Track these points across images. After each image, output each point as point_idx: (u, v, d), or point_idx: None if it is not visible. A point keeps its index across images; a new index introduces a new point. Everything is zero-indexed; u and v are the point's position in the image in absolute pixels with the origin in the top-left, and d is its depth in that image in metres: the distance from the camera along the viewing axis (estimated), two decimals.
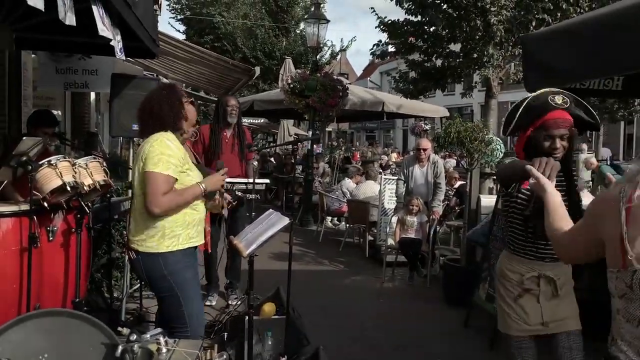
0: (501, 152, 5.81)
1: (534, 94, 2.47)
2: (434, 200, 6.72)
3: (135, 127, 2.95)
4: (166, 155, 2.68)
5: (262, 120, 21.35)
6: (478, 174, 5.79)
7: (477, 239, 5.40)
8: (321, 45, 12.26)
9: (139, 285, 4.49)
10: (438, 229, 7.28)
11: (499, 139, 5.87)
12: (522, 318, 2.52)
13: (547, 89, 2.46)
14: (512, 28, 7.47)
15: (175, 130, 2.82)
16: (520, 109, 2.42)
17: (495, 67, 7.77)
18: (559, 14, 7.22)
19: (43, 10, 1.99)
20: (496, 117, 8.47)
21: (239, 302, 4.77)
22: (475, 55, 7.87)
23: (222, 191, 3.28)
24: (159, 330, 1.81)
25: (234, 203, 3.71)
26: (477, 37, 7.64)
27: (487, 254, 4.97)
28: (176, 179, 2.74)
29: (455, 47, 8.32)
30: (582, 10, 7.04)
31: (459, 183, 9.26)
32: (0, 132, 4.84)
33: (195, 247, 2.94)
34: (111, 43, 2.90)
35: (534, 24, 7.22)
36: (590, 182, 9.57)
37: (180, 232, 2.76)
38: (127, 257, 3.00)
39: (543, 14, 7.25)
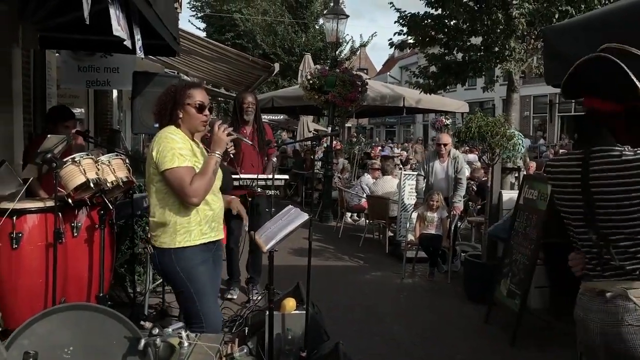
0: (523, 146, 5.74)
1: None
2: (454, 196, 6.66)
3: (157, 124, 2.97)
4: (177, 149, 2.69)
5: (281, 117, 21.39)
6: (500, 169, 5.73)
7: (498, 234, 5.35)
8: (340, 40, 12.20)
9: (161, 280, 4.54)
10: (459, 224, 7.23)
11: (520, 133, 5.80)
12: None
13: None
14: (535, 21, 7.35)
15: (172, 123, 2.81)
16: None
17: (517, 60, 7.66)
18: (582, 6, 7.08)
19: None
20: (518, 111, 8.36)
21: (260, 297, 4.80)
22: (496, 49, 7.77)
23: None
24: (180, 324, 1.84)
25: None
26: (499, 30, 7.53)
27: (509, 249, 4.92)
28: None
29: (476, 40, 8.22)
30: (606, 2, 6.90)
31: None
32: (25, 130, 4.94)
33: (214, 243, 2.94)
34: (125, 43, 2.92)
35: (557, 16, 7.09)
36: None
37: (193, 228, 2.78)
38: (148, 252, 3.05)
39: (566, 5, 7.11)
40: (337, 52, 12.24)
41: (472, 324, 4.90)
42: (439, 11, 8.27)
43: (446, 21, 8.36)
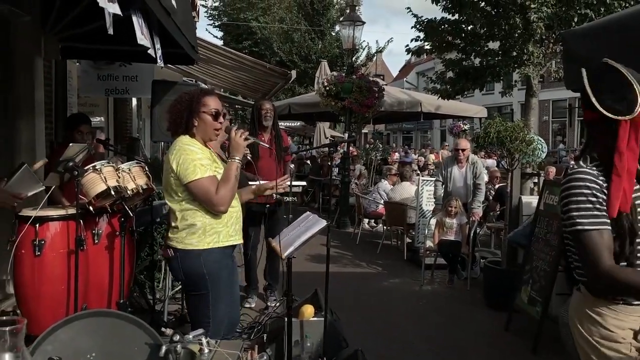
0: (543, 151, 5.68)
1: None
2: (473, 202, 6.61)
3: (170, 132, 2.98)
4: (197, 160, 2.71)
5: (298, 123, 21.46)
6: (519, 174, 5.67)
7: (518, 240, 5.29)
8: (357, 47, 12.22)
9: (180, 286, 4.57)
10: (478, 230, 7.17)
11: (540, 138, 5.74)
12: None
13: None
14: (553, 25, 7.28)
15: (187, 132, 2.83)
16: (632, 81, 1.79)
17: (535, 65, 7.59)
18: (602, 9, 6.99)
19: (120, 14, 2.06)
20: (537, 115, 8.26)
21: (278, 304, 4.80)
22: (514, 54, 7.71)
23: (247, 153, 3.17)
24: (201, 330, 1.84)
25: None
26: (517, 34, 7.47)
27: (529, 256, 4.86)
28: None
29: (494, 45, 8.16)
30: (627, 4, 6.80)
31: (498, 185, 9.11)
32: (47, 139, 5.02)
33: (233, 248, 2.95)
34: (149, 51, 2.96)
35: (576, 20, 7.01)
36: None
37: (221, 229, 2.80)
38: (165, 256, 3.01)
39: (586, 9, 7.03)
40: (353, 59, 12.24)
41: (492, 331, 4.85)
42: (456, 16, 8.23)
43: (463, 26, 8.32)
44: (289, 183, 3.42)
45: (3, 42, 4.59)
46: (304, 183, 6.51)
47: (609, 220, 1.75)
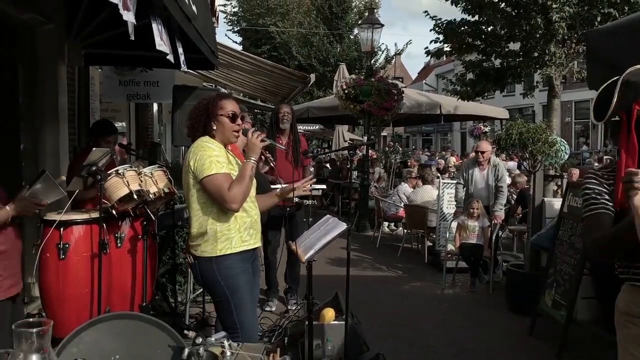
0: (566, 153, 5.60)
1: (628, 70, 1.95)
2: (495, 204, 6.53)
3: (190, 137, 3.01)
4: (214, 157, 2.74)
5: (317, 127, 21.49)
6: (542, 176, 5.59)
7: (541, 243, 5.22)
8: (375, 49, 12.20)
9: (201, 289, 4.60)
10: (500, 233, 7.08)
11: (562, 139, 5.65)
12: None
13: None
14: (576, 24, 7.17)
15: (206, 134, 2.86)
16: (618, 87, 1.90)
17: (557, 65, 7.47)
18: (626, 8, 6.86)
19: (134, 22, 2.09)
20: (559, 117, 8.15)
21: (299, 307, 4.81)
22: (536, 54, 7.61)
23: (268, 157, 3.17)
24: (223, 333, 1.85)
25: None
26: (538, 35, 7.37)
27: (553, 259, 4.79)
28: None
29: (515, 46, 8.07)
30: None
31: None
32: (70, 144, 5.11)
33: (253, 251, 2.96)
34: (168, 57, 2.99)
35: (599, 19, 6.90)
36: None
37: (233, 235, 2.80)
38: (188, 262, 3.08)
39: (609, 8, 6.91)
40: (372, 62, 12.23)
41: (516, 335, 4.78)
42: (476, 18, 8.15)
43: (483, 27, 8.23)
44: (313, 185, 3.42)
45: (28, 50, 4.70)
46: (323, 186, 6.49)
47: (606, 205, 1.91)
